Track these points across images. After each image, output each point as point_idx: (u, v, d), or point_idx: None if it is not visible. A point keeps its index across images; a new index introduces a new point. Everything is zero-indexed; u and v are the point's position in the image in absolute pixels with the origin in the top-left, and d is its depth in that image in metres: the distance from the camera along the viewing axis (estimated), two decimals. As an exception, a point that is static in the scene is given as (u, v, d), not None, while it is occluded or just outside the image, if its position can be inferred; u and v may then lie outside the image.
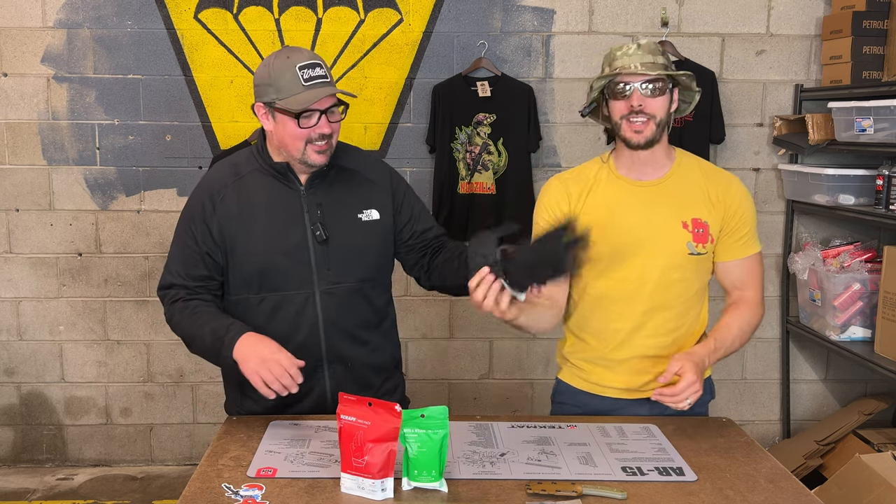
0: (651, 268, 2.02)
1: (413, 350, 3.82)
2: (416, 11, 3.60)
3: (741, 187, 2.08)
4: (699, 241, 2.02)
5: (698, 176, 2.07)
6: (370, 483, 1.60)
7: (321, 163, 1.98)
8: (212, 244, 2.03)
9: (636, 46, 1.97)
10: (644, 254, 2.02)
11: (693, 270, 2.04)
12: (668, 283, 2.03)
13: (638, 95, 1.94)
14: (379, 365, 2.15)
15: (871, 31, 3.39)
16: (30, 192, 3.68)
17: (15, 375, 3.81)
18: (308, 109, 1.92)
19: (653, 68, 1.94)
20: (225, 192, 2.04)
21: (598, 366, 2.13)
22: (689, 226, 2.02)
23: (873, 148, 3.18)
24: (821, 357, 3.92)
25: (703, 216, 2.03)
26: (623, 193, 2.05)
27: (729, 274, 2.08)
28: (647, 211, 2.03)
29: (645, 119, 1.95)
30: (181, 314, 2.02)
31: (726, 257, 2.07)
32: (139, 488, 3.68)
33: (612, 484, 1.68)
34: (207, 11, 3.57)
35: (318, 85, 1.92)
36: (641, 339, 2.06)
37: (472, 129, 3.60)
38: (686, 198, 2.04)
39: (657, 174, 2.06)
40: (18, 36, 3.57)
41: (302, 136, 1.95)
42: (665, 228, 2.02)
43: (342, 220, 2.04)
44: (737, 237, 2.05)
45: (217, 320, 1.98)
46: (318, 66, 1.94)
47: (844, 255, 3.49)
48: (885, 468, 2.67)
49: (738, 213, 2.04)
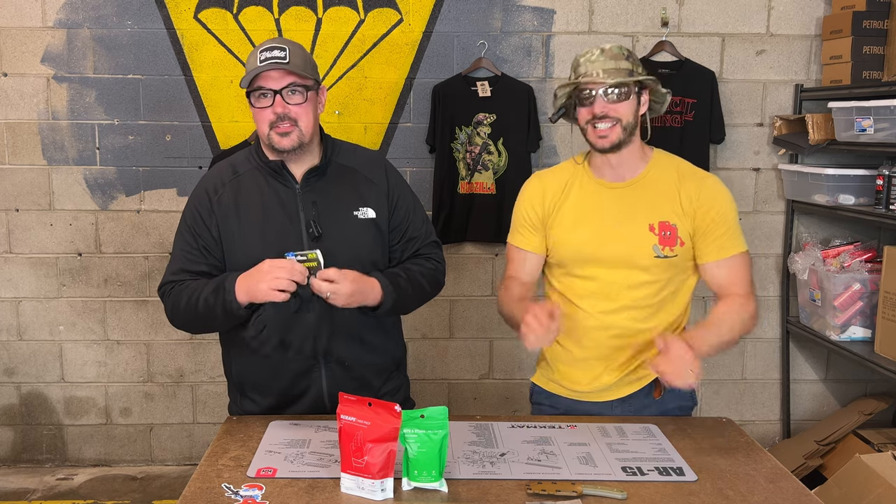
0: (617, 269, 2.04)
1: (413, 350, 3.82)
2: (416, 11, 3.60)
3: (716, 188, 2.06)
4: (666, 244, 2.02)
5: (672, 178, 2.06)
6: (370, 483, 1.60)
7: (288, 146, 1.97)
8: (210, 241, 2.03)
9: (599, 52, 1.97)
10: (610, 255, 2.04)
11: (663, 273, 2.04)
12: (635, 285, 2.04)
13: (601, 102, 1.95)
14: (378, 365, 2.15)
15: (871, 31, 3.39)
16: (30, 192, 3.68)
17: (15, 375, 3.81)
18: (261, 89, 1.93)
19: (615, 74, 1.94)
20: (222, 190, 2.05)
21: (565, 364, 2.15)
22: (656, 228, 2.02)
23: (873, 148, 3.18)
24: (821, 357, 3.92)
25: (672, 219, 2.03)
26: (594, 196, 2.08)
27: (711, 276, 2.07)
28: (615, 213, 2.05)
29: (611, 124, 1.96)
30: (177, 297, 2.02)
31: (705, 259, 2.05)
32: (139, 488, 3.68)
33: (612, 484, 1.68)
34: (207, 11, 3.57)
35: (270, 64, 1.92)
36: (607, 339, 2.08)
37: (472, 129, 3.60)
38: (656, 200, 2.04)
39: (629, 175, 2.07)
40: (18, 36, 3.57)
41: (264, 119, 1.96)
42: (632, 231, 2.03)
43: (337, 218, 2.04)
44: (712, 238, 2.03)
45: (210, 283, 1.98)
46: (279, 48, 1.94)
47: (844, 255, 3.49)
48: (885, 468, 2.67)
49: (709, 214, 2.02)
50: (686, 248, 2.04)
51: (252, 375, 2.10)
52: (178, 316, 2.06)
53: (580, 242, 2.06)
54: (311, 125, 2.01)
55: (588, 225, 2.06)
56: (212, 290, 1.95)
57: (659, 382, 2.09)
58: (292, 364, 2.05)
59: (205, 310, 1.97)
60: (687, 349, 1.82)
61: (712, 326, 2.00)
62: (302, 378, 2.07)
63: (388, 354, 2.18)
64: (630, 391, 2.12)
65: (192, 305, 1.98)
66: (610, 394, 2.12)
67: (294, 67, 1.94)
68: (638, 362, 2.09)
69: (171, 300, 2.04)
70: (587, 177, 2.10)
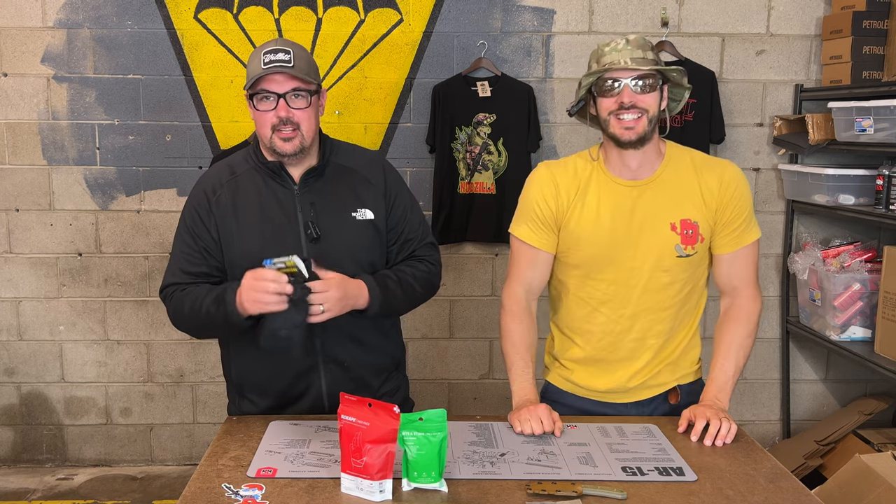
0: (639, 271, 2.00)
1: (413, 350, 3.82)
2: (416, 11, 3.60)
3: (734, 175, 2.02)
4: (688, 243, 1.99)
5: (689, 171, 2.02)
6: (368, 484, 1.59)
7: (290, 151, 1.96)
8: (210, 241, 2.02)
9: (625, 41, 1.92)
10: (632, 257, 1.99)
11: (683, 272, 2.01)
12: (658, 287, 2.01)
13: (628, 92, 1.90)
14: (377, 365, 2.14)
15: (871, 31, 3.39)
16: (30, 192, 3.68)
17: (15, 375, 3.81)
18: (264, 92, 1.92)
19: (643, 63, 1.89)
20: (220, 191, 2.04)
21: (584, 367, 2.11)
22: (678, 227, 1.98)
23: (873, 148, 3.18)
24: (821, 357, 3.92)
25: (693, 216, 1.99)
26: (612, 195, 2.01)
27: (725, 270, 2.04)
28: (635, 213, 1.99)
29: (638, 115, 1.90)
30: (179, 303, 2.00)
31: (722, 250, 2.03)
32: (139, 488, 3.68)
33: (612, 484, 1.68)
34: (207, 11, 3.57)
35: (274, 68, 1.91)
36: (629, 343, 2.05)
37: (472, 129, 3.60)
38: (675, 197, 2.00)
39: (647, 173, 2.01)
40: (18, 36, 3.57)
41: (266, 122, 1.95)
42: (653, 231, 1.98)
43: (335, 219, 2.03)
44: (732, 228, 2.01)
45: (211, 293, 1.94)
46: (283, 51, 1.92)
47: (844, 255, 3.49)
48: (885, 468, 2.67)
49: (731, 205, 2.00)
50: (705, 244, 2.01)
51: (251, 376, 2.10)
52: (181, 322, 2.05)
53: (601, 245, 2.00)
54: (313, 129, 2.00)
55: (609, 225, 2.00)
56: (213, 301, 1.92)
57: (676, 388, 2.10)
58: (292, 365, 2.04)
59: (208, 320, 1.95)
60: (706, 411, 1.92)
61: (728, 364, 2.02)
62: (301, 379, 2.06)
63: (386, 355, 2.18)
64: (649, 395, 2.10)
65: (195, 314, 1.97)
66: (628, 396, 2.10)
67: (298, 72, 1.93)
68: (659, 367, 2.07)
69: (174, 305, 2.03)
70: (604, 175, 2.02)
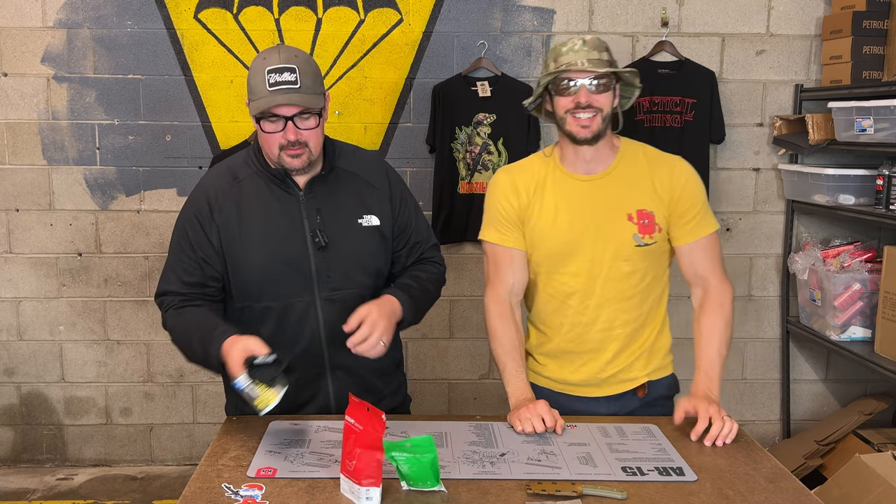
0: (600, 261, 2.06)
1: (413, 350, 3.82)
2: (416, 11, 3.60)
3: (684, 169, 2.10)
4: (645, 232, 2.06)
5: (642, 164, 2.10)
6: (357, 489, 1.56)
7: (298, 167, 1.94)
8: (209, 250, 1.99)
9: (581, 42, 2.00)
10: (592, 248, 2.06)
11: (643, 261, 2.08)
12: (619, 276, 2.07)
13: (585, 92, 1.98)
14: (381, 368, 2.13)
15: (871, 31, 3.39)
16: (30, 192, 3.68)
17: (15, 375, 3.81)
18: (271, 116, 1.88)
19: (599, 65, 1.97)
20: (223, 198, 1.99)
21: (555, 359, 2.17)
22: (635, 217, 2.06)
23: (873, 148, 3.18)
24: (821, 357, 3.92)
25: (648, 206, 2.06)
26: (569, 190, 2.09)
27: (688, 260, 2.10)
28: (593, 206, 2.07)
29: (593, 114, 1.98)
30: (174, 323, 1.99)
31: (681, 241, 2.09)
32: (139, 488, 3.68)
33: (612, 484, 1.68)
34: (207, 11, 3.57)
35: (282, 91, 1.85)
36: (596, 333, 2.11)
37: (472, 129, 3.60)
38: (630, 189, 2.07)
39: (601, 167, 2.09)
40: (18, 36, 3.57)
41: (273, 143, 1.91)
42: (611, 222, 2.06)
43: (342, 226, 2.01)
44: (687, 219, 2.07)
45: (201, 329, 1.91)
46: (289, 70, 1.85)
47: (844, 255, 3.49)
48: (885, 468, 2.67)
49: (683, 196, 2.07)
50: (663, 234, 2.08)
51: None
52: (172, 340, 2.04)
53: (561, 238, 2.07)
54: (321, 143, 1.98)
55: (567, 220, 2.07)
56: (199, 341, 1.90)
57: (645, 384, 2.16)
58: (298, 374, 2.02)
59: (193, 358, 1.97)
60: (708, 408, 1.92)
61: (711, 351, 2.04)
62: (307, 388, 2.05)
63: (388, 356, 2.16)
64: (621, 390, 2.15)
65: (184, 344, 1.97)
66: (601, 389, 2.15)
67: (306, 91, 1.87)
68: (630, 360, 2.13)
69: (169, 321, 2.01)
70: (559, 171, 2.11)
